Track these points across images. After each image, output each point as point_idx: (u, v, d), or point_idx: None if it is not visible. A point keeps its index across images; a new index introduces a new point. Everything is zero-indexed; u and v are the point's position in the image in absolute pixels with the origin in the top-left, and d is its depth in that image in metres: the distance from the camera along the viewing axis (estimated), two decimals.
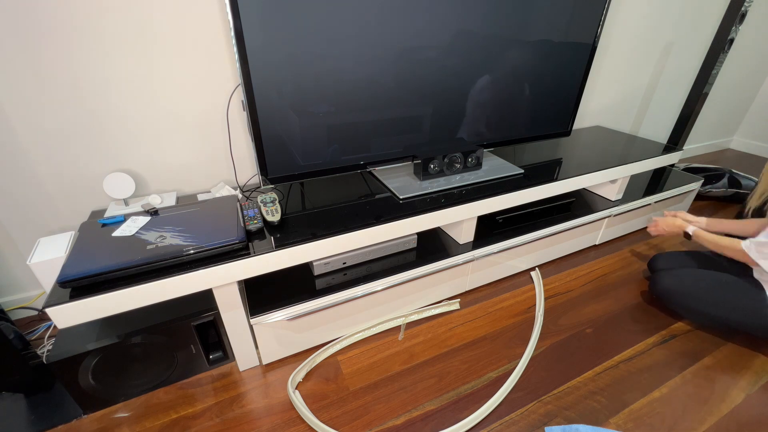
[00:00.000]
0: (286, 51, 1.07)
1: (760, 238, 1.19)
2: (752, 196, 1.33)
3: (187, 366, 1.15)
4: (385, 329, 1.34)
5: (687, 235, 1.38)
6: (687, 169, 2.25)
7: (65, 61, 1.11)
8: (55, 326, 1.08)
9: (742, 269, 1.30)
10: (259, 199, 1.18)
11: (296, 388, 1.13)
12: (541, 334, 1.33)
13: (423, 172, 1.40)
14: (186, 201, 1.34)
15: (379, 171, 1.48)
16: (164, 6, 1.14)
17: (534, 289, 1.56)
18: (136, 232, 1.02)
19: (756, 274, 1.25)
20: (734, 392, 1.14)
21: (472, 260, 1.41)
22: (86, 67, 1.13)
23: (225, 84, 1.31)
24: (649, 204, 1.82)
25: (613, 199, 1.76)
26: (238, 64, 1.03)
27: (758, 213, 1.31)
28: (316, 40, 1.09)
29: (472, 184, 1.41)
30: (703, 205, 2.21)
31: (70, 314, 0.87)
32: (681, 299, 1.34)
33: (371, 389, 1.14)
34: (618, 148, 1.85)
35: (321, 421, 1.03)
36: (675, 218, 1.43)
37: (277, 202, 1.18)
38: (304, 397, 1.11)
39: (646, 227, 1.99)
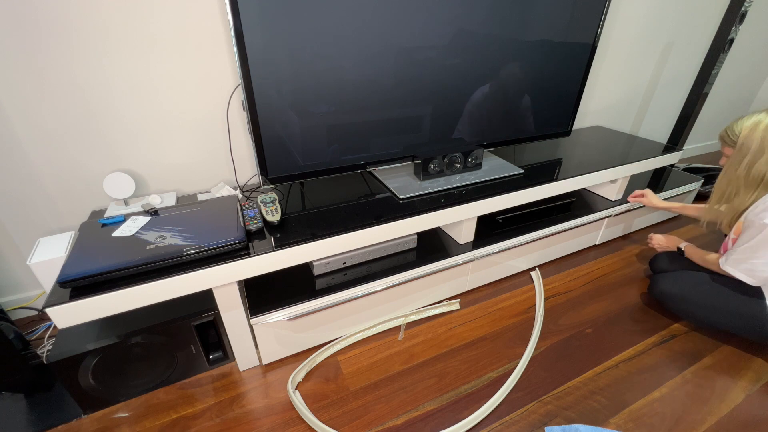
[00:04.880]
0: (286, 51, 1.07)
1: (735, 254, 1.18)
2: (707, 211, 1.31)
3: (187, 366, 1.15)
4: (385, 329, 1.34)
5: (680, 250, 1.46)
6: (687, 169, 2.25)
7: (65, 61, 1.11)
8: (55, 326, 1.08)
9: None
10: (259, 199, 1.18)
11: (296, 388, 1.13)
12: (541, 334, 1.33)
13: (423, 172, 1.40)
14: (186, 201, 1.34)
15: (379, 171, 1.48)
16: (164, 6, 1.14)
17: (534, 289, 1.55)
18: (136, 232, 1.02)
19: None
20: (734, 392, 1.14)
21: (472, 260, 1.41)
22: (86, 66, 1.13)
23: (225, 84, 1.31)
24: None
25: (613, 199, 1.76)
26: (238, 64, 1.03)
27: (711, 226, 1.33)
28: (316, 39, 1.09)
29: (472, 184, 1.41)
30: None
31: (70, 314, 0.87)
32: (679, 303, 1.35)
33: (371, 389, 1.14)
34: (618, 148, 1.85)
35: (321, 421, 1.03)
36: (669, 237, 1.56)
37: (277, 202, 1.18)
38: (304, 397, 1.11)
39: (646, 227, 2.00)
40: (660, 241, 1.58)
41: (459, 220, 1.36)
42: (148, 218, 1.08)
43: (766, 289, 1.19)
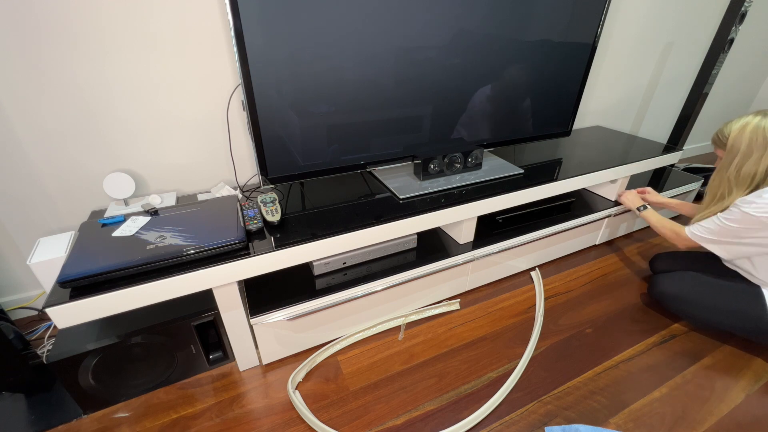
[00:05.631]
0: (285, 51, 1.07)
1: (705, 224, 1.23)
2: (700, 210, 1.30)
3: (187, 366, 1.15)
4: (385, 329, 1.34)
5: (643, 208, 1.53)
6: (687, 169, 2.25)
7: (65, 61, 1.11)
8: (55, 326, 1.08)
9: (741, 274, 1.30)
10: (259, 199, 1.18)
11: (296, 388, 1.13)
12: (541, 334, 1.33)
13: (423, 172, 1.40)
14: (186, 201, 1.34)
15: (379, 171, 1.48)
16: (164, 5, 1.14)
17: (534, 289, 1.56)
18: (136, 232, 1.02)
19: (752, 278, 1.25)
20: (734, 392, 1.15)
21: (472, 260, 1.41)
22: (86, 66, 1.13)
23: (225, 84, 1.31)
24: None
25: (613, 199, 1.76)
26: (238, 64, 1.03)
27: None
28: (316, 39, 1.09)
29: (472, 184, 1.41)
30: None
31: (70, 314, 0.87)
32: (679, 303, 1.34)
33: (371, 389, 1.14)
34: (618, 148, 1.85)
35: (321, 421, 1.03)
36: (634, 197, 1.61)
37: (277, 202, 1.18)
38: (304, 397, 1.11)
39: (646, 227, 2.00)
40: (626, 199, 1.62)
41: (459, 220, 1.36)
42: (148, 218, 1.08)
43: (766, 289, 1.19)
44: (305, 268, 1.28)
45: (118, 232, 1.02)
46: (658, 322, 1.40)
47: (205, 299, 1.08)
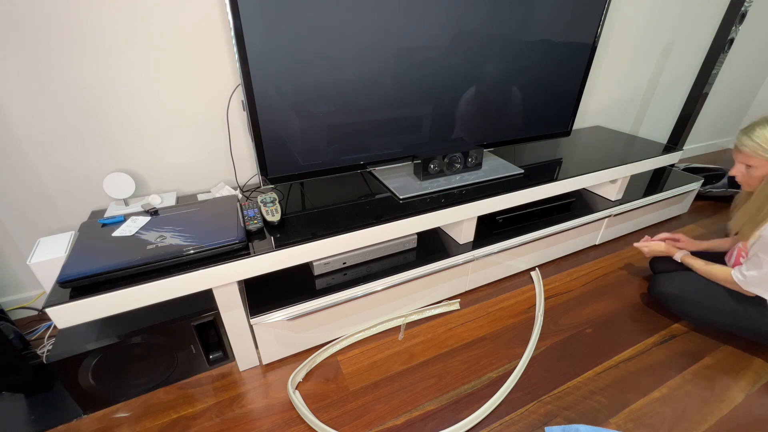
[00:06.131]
0: (286, 51, 1.07)
1: (746, 270, 1.16)
2: (736, 217, 1.22)
3: (187, 366, 1.15)
4: (385, 329, 1.34)
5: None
6: (687, 169, 2.25)
7: (65, 61, 1.11)
8: (55, 326, 1.08)
9: None
10: (259, 199, 1.18)
11: (296, 388, 1.13)
12: (541, 334, 1.33)
13: (423, 172, 1.40)
14: (186, 201, 1.34)
15: (379, 171, 1.48)
16: (164, 6, 1.14)
17: (534, 289, 1.55)
18: (136, 232, 1.02)
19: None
20: (734, 392, 1.14)
21: (472, 260, 1.41)
22: (86, 67, 1.13)
23: (225, 84, 1.31)
24: (650, 204, 1.82)
25: (613, 199, 1.76)
26: (238, 64, 1.03)
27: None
28: (316, 40, 1.09)
29: (472, 184, 1.41)
30: (703, 205, 2.21)
31: (70, 314, 0.87)
32: (678, 303, 1.34)
33: (371, 389, 1.14)
34: (618, 148, 1.85)
35: (321, 421, 1.03)
36: (662, 245, 1.44)
37: (277, 202, 1.18)
38: (304, 397, 1.11)
39: (646, 227, 2.00)
40: (655, 251, 1.44)
41: (459, 220, 1.36)
42: (148, 218, 1.08)
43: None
44: (305, 268, 1.28)
45: (118, 232, 1.02)
46: (658, 322, 1.40)
47: (205, 299, 1.08)
